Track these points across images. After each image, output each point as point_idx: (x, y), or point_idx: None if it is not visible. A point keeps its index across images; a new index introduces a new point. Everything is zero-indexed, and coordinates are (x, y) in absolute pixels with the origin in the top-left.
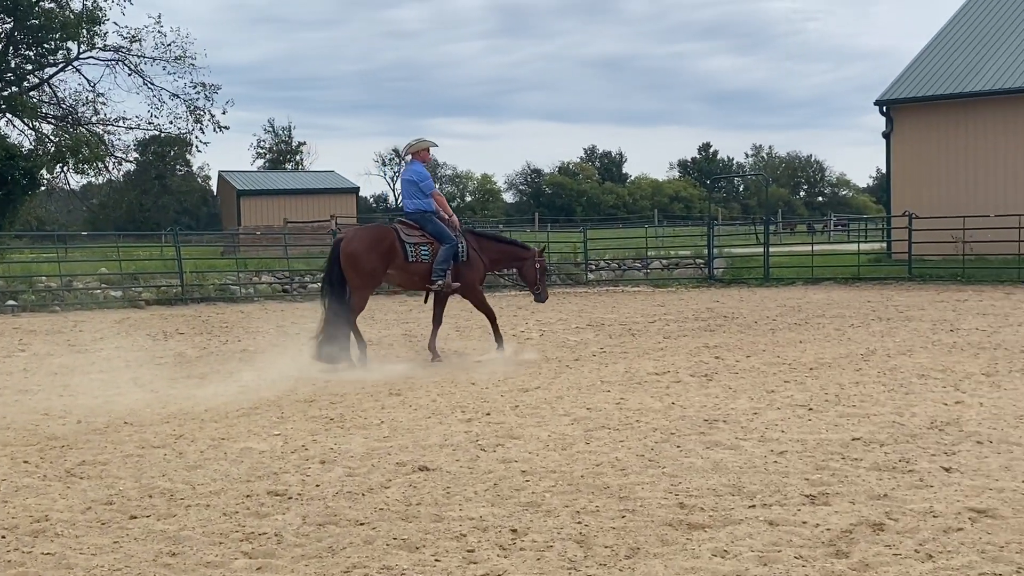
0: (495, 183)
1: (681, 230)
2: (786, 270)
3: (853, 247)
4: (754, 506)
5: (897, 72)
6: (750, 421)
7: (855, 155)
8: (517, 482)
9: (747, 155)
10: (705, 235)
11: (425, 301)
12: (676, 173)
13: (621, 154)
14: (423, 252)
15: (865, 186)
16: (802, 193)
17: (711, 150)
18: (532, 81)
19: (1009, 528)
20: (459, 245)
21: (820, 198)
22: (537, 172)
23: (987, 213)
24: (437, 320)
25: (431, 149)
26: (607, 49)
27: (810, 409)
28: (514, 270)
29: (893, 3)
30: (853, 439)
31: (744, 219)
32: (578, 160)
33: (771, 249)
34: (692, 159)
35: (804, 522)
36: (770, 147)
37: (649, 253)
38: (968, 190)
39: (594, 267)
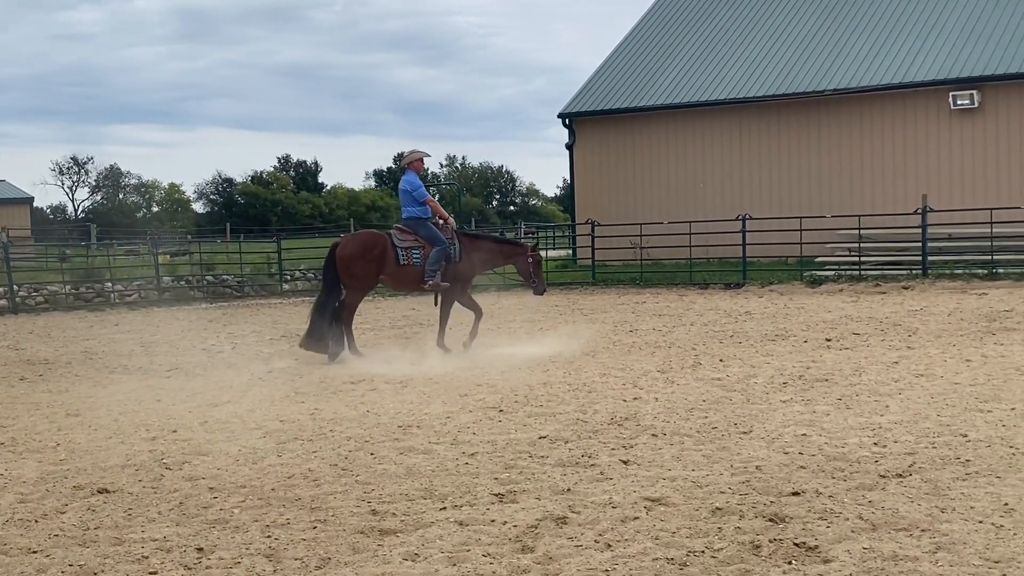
0: (184, 193)
1: None
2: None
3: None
4: (445, 508)
5: (578, 87)
6: (443, 425)
7: (543, 166)
8: (204, 499)
9: (442, 165)
10: None
11: (435, 303)
12: (373, 183)
13: (316, 163)
14: (415, 255)
15: (553, 195)
16: (495, 203)
17: None
18: (219, 88)
19: (680, 514)
20: (451, 247)
21: (512, 207)
22: (229, 182)
23: (661, 220)
24: (444, 320)
25: (424, 159)
26: (296, 57)
27: (501, 411)
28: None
29: (571, 21)
30: (540, 437)
31: None
32: (272, 169)
33: None
34: (388, 168)
35: (493, 520)
36: (463, 158)
37: None
38: (644, 199)
39: (289, 277)
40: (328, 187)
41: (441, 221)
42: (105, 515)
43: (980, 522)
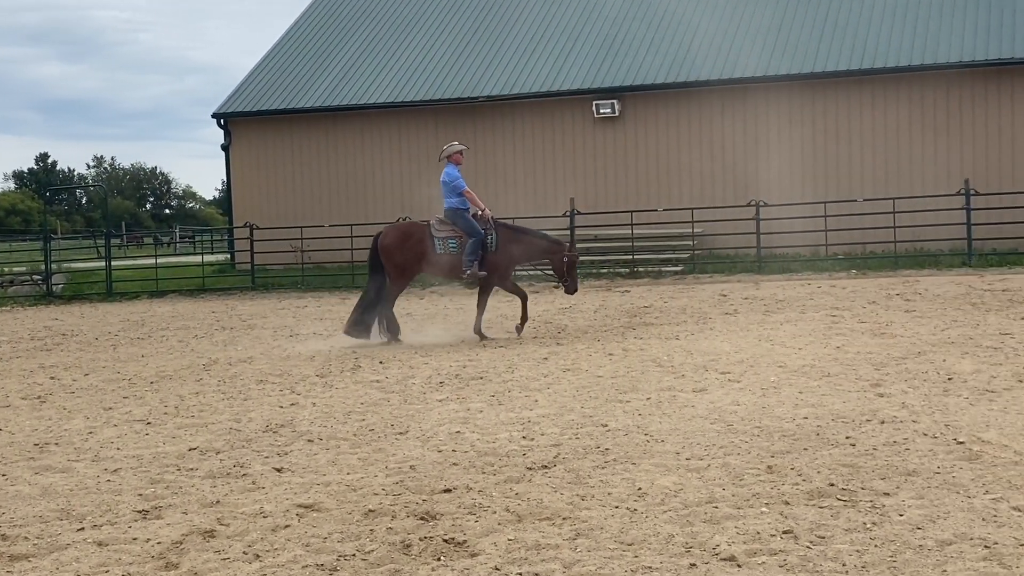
0: None
1: (18, 245)
2: (130, 284)
3: (198, 259)
4: (83, 528)
5: (233, 87)
6: (84, 441)
7: (200, 167)
8: None
9: (89, 166)
10: (43, 250)
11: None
12: (12, 185)
13: None
14: (451, 245)
15: (212, 198)
16: (148, 206)
17: (49, 160)
18: None
19: (333, 519)
20: (488, 238)
21: (168, 210)
22: None
23: (323, 223)
24: (481, 307)
25: (463, 152)
26: None
27: (148, 424)
28: (546, 262)
29: (224, 19)
30: (190, 449)
31: (87, 232)
32: None
33: (114, 263)
34: (29, 170)
35: (135, 539)
36: (112, 158)
37: None
38: (305, 201)
39: None
40: None
41: (478, 211)
42: None
43: (616, 507)
